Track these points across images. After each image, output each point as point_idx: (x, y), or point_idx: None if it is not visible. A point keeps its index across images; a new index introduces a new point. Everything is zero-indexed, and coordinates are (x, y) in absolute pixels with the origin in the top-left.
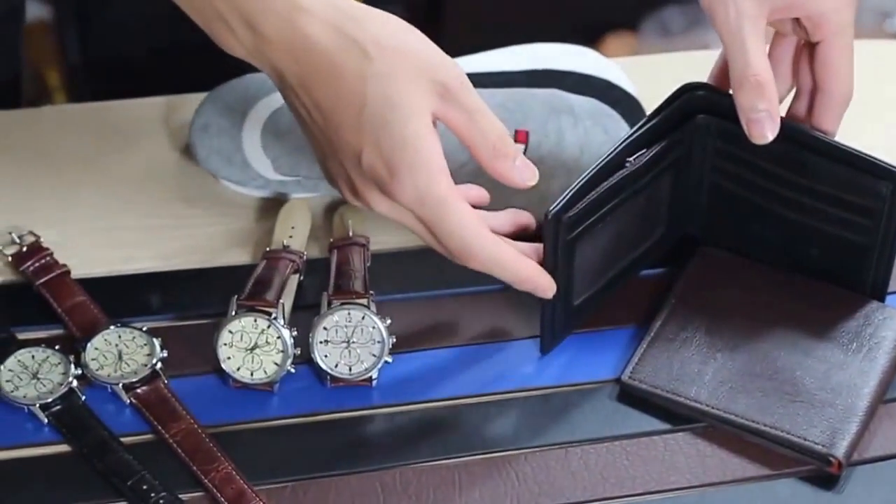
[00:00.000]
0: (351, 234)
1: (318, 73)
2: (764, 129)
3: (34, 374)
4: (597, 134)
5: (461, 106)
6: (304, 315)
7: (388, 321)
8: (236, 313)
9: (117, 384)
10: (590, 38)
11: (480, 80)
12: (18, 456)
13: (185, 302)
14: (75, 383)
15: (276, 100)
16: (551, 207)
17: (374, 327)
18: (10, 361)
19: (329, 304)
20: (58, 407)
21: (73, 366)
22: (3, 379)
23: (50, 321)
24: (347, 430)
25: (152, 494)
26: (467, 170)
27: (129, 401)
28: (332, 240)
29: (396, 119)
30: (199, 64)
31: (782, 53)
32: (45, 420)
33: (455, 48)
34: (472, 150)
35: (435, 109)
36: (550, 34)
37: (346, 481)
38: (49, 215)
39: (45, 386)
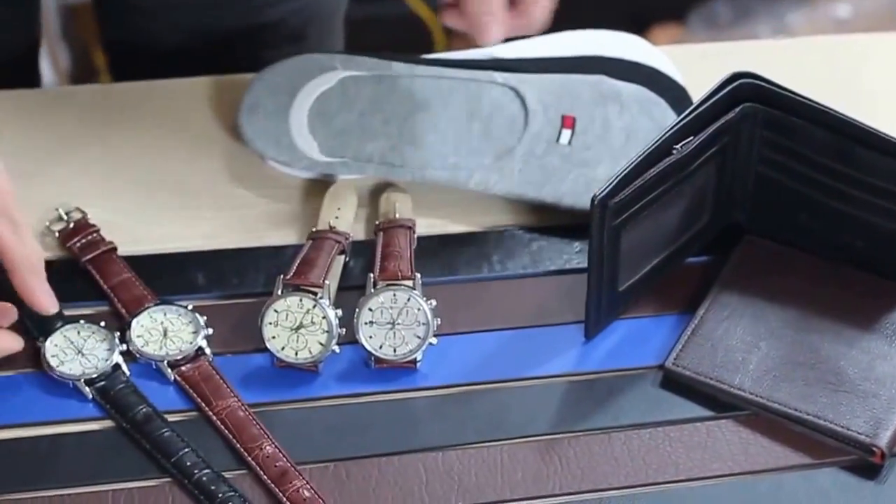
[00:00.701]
0: (397, 216)
1: None
2: (491, 32)
3: (79, 349)
4: (643, 121)
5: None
6: (349, 296)
7: (434, 303)
8: (282, 293)
9: (162, 361)
10: (636, 29)
11: (529, 65)
12: (63, 431)
13: (231, 281)
14: (120, 360)
15: (324, 82)
16: (598, 192)
17: (419, 309)
18: (57, 337)
19: (375, 285)
20: (102, 383)
21: (118, 342)
22: (49, 354)
23: (96, 298)
24: (391, 412)
25: (195, 471)
26: (516, 154)
27: (173, 378)
28: (377, 222)
29: None
30: (233, 49)
31: None
32: (90, 395)
33: (506, 38)
34: (7, 262)
35: None
36: (597, 24)
37: (389, 462)
38: (96, 193)
39: (90, 362)
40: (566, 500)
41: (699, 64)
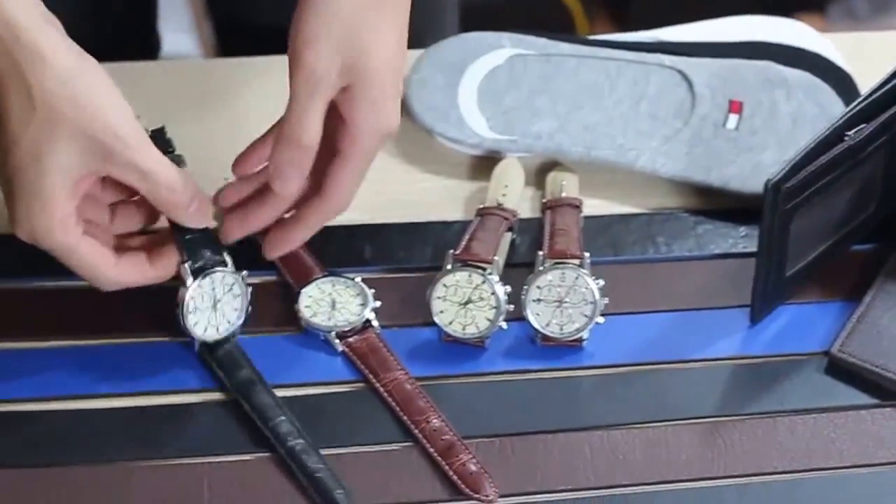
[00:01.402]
0: (564, 195)
1: None
2: (290, 184)
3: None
4: (810, 107)
5: (128, 165)
6: (515, 273)
7: (602, 283)
8: (452, 267)
9: (330, 332)
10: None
11: (695, 49)
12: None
13: (397, 255)
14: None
15: (495, 59)
16: (772, 177)
17: (587, 288)
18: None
19: (543, 263)
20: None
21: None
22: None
23: (265, 268)
24: (556, 389)
25: (289, 439)
26: (683, 136)
27: (341, 349)
28: (545, 200)
29: (37, 169)
30: None
31: None
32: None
33: (644, 22)
34: (150, 201)
35: (91, 169)
36: (738, 12)
37: (554, 439)
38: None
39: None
40: (730, 483)
41: (859, 51)
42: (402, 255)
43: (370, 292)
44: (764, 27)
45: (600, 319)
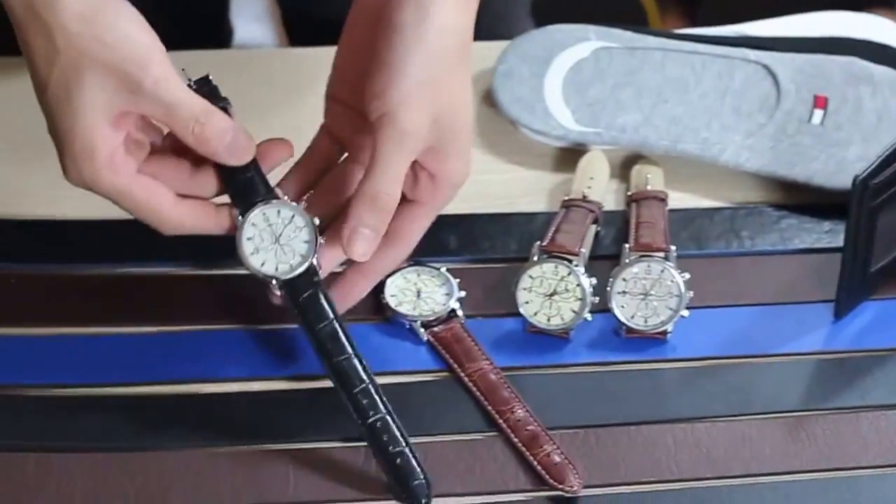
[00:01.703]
0: (649, 187)
1: (20, 41)
2: (364, 247)
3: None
4: (895, 103)
5: (153, 97)
6: (599, 265)
7: (687, 276)
8: (538, 259)
9: (416, 321)
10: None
11: (780, 44)
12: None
13: (483, 245)
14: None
15: (580, 51)
16: (860, 173)
17: (672, 281)
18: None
19: (629, 255)
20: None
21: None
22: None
23: None
24: (640, 381)
25: (371, 414)
26: (767, 131)
27: (426, 338)
28: (630, 193)
29: (70, 111)
30: None
31: None
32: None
33: (715, 17)
34: (181, 138)
35: (122, 105)
36: (811, 7)
37: (637, 431)
38: None
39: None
40: (813, 478)
41: None
42: (487, 246)
43: (455, 282)
44: (848, 22)
45: (685, 313)
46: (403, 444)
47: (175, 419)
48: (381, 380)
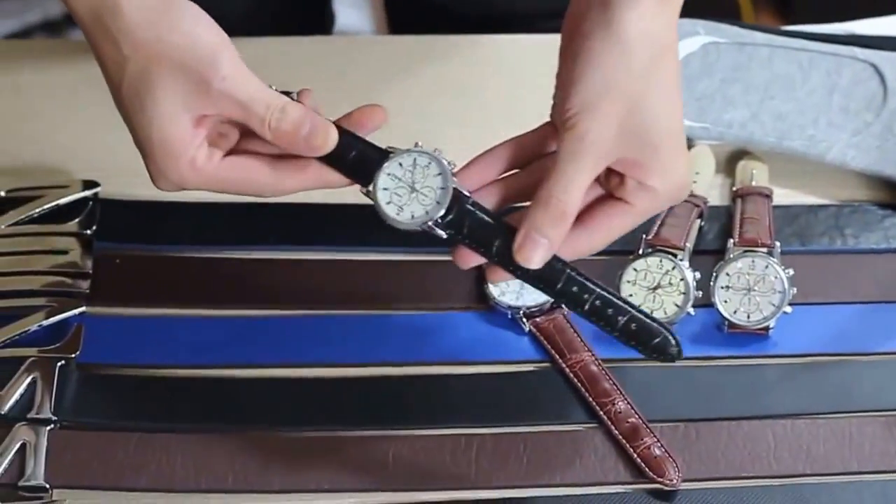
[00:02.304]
0: (754, 183)
1: (92, 46)
2: (535, 254)
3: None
4: None
5: (226, 96)
6: (702, 259)
7: (791, 272)
8: (643, 252)
9: (518, 312)
10: None
11: (888, 42)
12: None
13: None
14: None
15: (688, 46)
16: None
17: (776, 277)
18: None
19: (733, 251)
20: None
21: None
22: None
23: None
24: (741, 376)
25: (585, 296)
26: (874, 130)
27: (528, 329)
28: (735, 188)
29: (144, 121)
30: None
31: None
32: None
33: (808, 16)
34: (261, 137)
35: (195, 108)
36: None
37: (738, 426)
38: (455, 145)
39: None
40: None
41: None
42: None
43: None
44: None
45: (788, 309)
46: (630, 308)
47: (279, 401)
48: (482, 369)
